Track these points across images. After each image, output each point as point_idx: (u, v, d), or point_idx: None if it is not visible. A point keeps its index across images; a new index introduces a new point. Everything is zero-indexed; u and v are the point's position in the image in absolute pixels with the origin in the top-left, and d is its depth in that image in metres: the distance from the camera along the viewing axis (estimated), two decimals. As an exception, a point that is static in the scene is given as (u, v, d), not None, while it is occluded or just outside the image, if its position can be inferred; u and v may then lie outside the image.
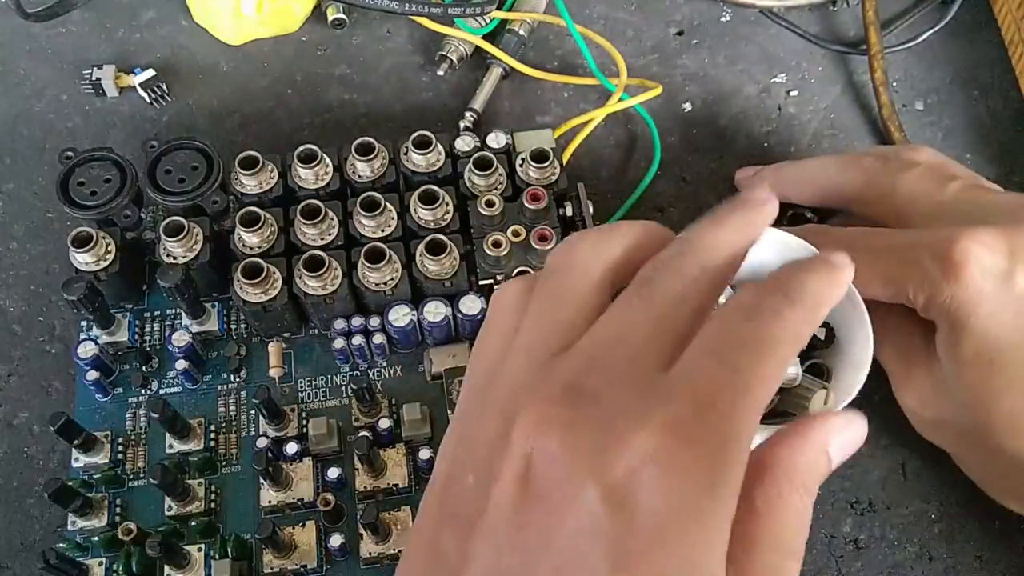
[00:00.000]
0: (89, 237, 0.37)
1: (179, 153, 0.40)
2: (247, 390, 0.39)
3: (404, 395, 0.38)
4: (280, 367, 0.39)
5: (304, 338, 0.40)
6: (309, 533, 0.35)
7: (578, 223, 0.39)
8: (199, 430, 0.37)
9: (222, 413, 0.38)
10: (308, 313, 0.39)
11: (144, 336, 0.40)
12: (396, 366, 0.39)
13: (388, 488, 0.36)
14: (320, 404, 0.38)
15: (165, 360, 0.39)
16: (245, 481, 0.37)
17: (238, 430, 0.38)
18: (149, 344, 0.40)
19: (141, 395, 0.39)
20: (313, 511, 0.36)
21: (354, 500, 0.36)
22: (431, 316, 0.38)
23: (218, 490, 0.37)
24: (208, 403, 0.39)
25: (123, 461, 0.37)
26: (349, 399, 0.38)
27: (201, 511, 0.36)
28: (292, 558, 0.35)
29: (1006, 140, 0.48)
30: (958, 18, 0.51)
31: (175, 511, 0.36)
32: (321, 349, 0.40)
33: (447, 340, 0.39)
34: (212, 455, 0.37)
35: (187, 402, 0.39)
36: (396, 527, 0.35)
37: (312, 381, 0.39)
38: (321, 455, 0.37)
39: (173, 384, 0.39)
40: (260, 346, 0.40)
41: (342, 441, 0.37)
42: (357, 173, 0.40)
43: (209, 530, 0.36)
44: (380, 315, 0.38)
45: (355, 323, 0.38)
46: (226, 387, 0.39)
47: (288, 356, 0.39)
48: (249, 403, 0.38)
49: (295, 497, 0.36)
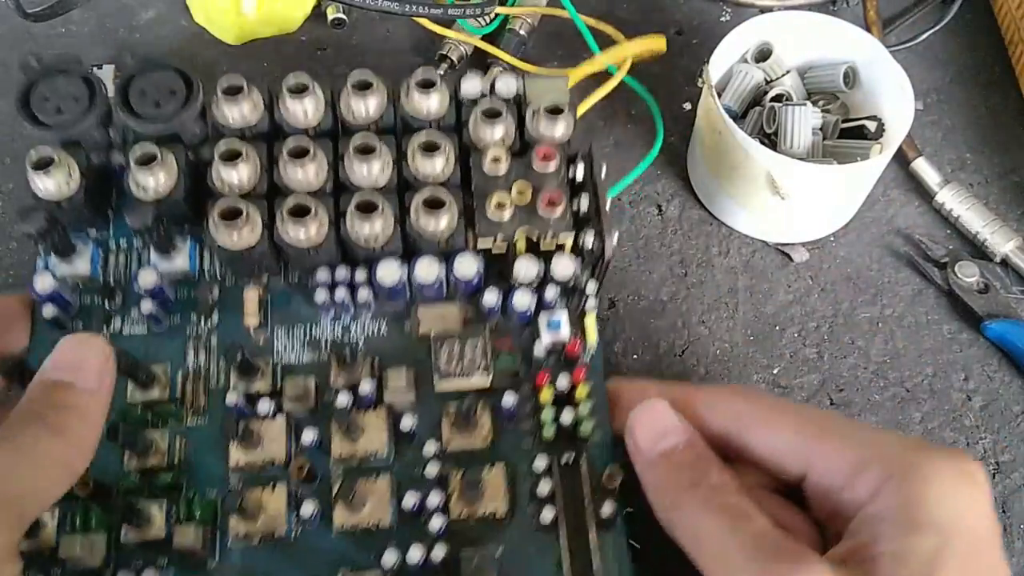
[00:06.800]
0: (50, 160, 0.34)
1: (155, 75, 0.36)
2: (218, 335, 0.36)
3: (388, 354, 0.36)
4: (256, 316, 0.36)
5: (282, 285, 0.37)
6: (279, 498, 0.33)
7: (587, 189, 0.36)
8: (164, 378, 0.35)
9: (191, 360, 0.36)
10: (288, 262, 0.36)
11: (108, 268, 0.37)
12: (380, 320, 0.37)
13: (366, 455, 0.34)
14: (296, 358, 0.36)
15: (129, 296, 0.36)
16: (212, 436, 0.34)
17: (206, 380, 0.35)
18: (114, 278, 0.37)
19: (102, 334, 0.36)
20: (284, 474, 0.34)
21: (329, 465, 0.34)
22: (423, 276, 0.35)
23: (183, 444, 0.34)
24: (175, 347, 0.36)
25: (81, 405, 0.35)
26: (329, 356, 0.36)
27: (164, 466, 0.33)
28: (260, 524, 0.33)
29: (1006, 140, 0.48)
30: (958, 18, 0.51)
31: (135, 464, 0.33)
32: (302, 298, 0.37)
33: (437, 299, 0.37)
34: (177, 406, 0.35)
35: (152, 345, 0.36)
36: (373, 497, 0.33)
37: (289, 331, 0.36)
38: (295, 415, 0.35)
39: (138, 324, 0.36)
40: (235, 289, 0.37)
41: (319, 401, 0.35)
42: (352, 112, 0.36)
43: (172, 487, 0.33)
44: (367, 268, 0.36)
45: (339, 275, 0.36)
46: (196, 332, 0.36)
47: (264, 303, 0.37)
48: (221, 351, 0.36)
49: (265, 458, 0.34)
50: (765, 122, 0.48)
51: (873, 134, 0.47)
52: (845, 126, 0.48)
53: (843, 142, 0.48)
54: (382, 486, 0.33)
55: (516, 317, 0.36)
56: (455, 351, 0.35)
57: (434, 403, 0.35)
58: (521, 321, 0.36)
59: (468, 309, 0.37)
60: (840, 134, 0.48)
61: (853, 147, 0.47)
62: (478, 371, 0.35)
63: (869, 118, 0.47)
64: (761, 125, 0.48)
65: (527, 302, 0.36)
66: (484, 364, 0.35)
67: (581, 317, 0.37)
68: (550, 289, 0.36)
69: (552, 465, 0.34)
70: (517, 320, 0.36)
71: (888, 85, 0.46)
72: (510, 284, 0.36)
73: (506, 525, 0.34)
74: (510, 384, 0.35)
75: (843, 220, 0.48)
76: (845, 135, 0.48)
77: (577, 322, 0.37)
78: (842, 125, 0.48)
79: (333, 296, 0.35)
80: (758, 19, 0.47)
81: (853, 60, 0.48)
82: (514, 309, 0.36)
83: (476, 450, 0.34)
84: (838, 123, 0.48)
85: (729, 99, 0.48)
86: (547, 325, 0.36)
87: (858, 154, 0.46)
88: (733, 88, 0.48)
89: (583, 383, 0.35)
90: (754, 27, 0.47)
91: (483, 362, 0.35)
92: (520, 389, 0.35)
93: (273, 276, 0.37)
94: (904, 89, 0.45)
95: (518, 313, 0.36)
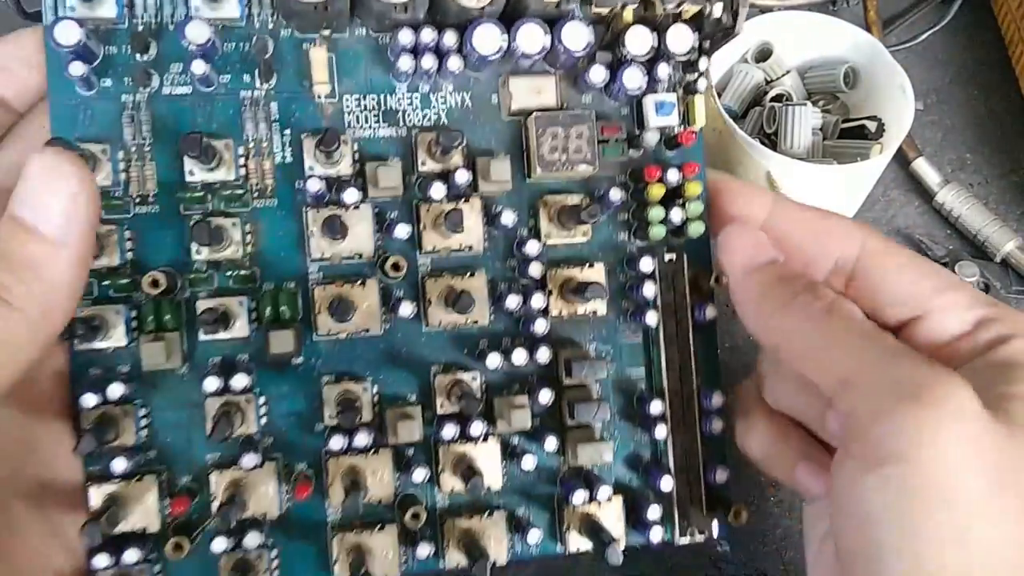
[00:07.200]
0: None
1: None
2: (278, 103, 0.31)
3: (474, 131, 0.32)
4: (326, 82, 0.30)
5: (349, 40, 0.31)
6: (370, 294, 0.31)
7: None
8: (228, 156, 0.30)
9: (250, 132, 0.30)
10: (363, 12, 0.30)
11: (134, 10, 0.30)
12: (464, 92, 0.32)
13: (459, 248, 0.31)
14: (371, 132, 0.31)
15: (164, 45, 0.30)
16: (283, 221, 0.31)
17: (271, 155, 0.31)
18: (143, 22, 0.30)
19: (138, 92, 0.30)
20: (372, 270, 0.31)
21: (417, 257, 0.31)
22: (526, 45, 0.30)
23: (253, 231, 0.30)
24: (223, 113, 0.30)
25: (127, 183, 0.30)
26: (409, 130, 0.31)
27: (238, 257, 0.30)
28: (352, 322, 0.30)
29: (1006, 140, 0.48)
30: (958, 18, 0.51)
31: (205, 255, 0.30)
32: (371, 58, 0.31)
33: (530, 70, 0.32)
34: (244, 188, 0.30)
35: (199, 109, 0.30)
36: (469, 294, 0.31)
37: (361, 101, 0.31)
38: (380, 204, 0.31)
39: (180, 83, 0.30)
40: (291, 43, 0.31)
41: (406, 187, 0.31)
42: None
43: (249, 281, 0.30)
44: (459, 32, 0.30)
45: (425, 39, 0.30)
46: (251, 95, 0.31)
47: (329, 63, 0.31)
48: (284, 120, 0.31)
49: (353, 251, 0.30)
50: (765, 122, 0.47)
51: (873, 134, 0.46)
52: (845, 126, 0.48)
53: (843, 142, 0.47)
54: (478, 283, 0.31)
55: (622, 96, 0.32)
56: (559, 139, 0.31)
57: (529, 192, 0.32)
58: (626, 100, 0.32)
59: (565, 83, 0.32)
60: (840, 134, 0.48)
61: (853, 147, 0.46)
62: (583, 163, 0.31)
63: (869, 118, 0.47)
64: (761, 125, 0.47)
65: (639, 80, 0.31)
66: (590, 154, 0.31)
67: (688, 95, 0.33)
68: (662, 66, 0.32)
69: (655, 267, 0.32)
70: (621, 99, 0.32)
71: (888, 85, 0.45)
72: (617, 58, 0.32)
73: (604, 323, 0.33)
74: (614, 174, 0.32)
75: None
76: (845, 135, 0.47)
77: (682, 103, 0.33)
78: (842, 125, 0.48)
79: (419, 62, 0.30)
80: (758, 19, 0.46)
81: (853, 60, 0.47)
82: (623, 87, 0.31)
83: (575, 246, 0.32)
84: (838, 123, 0.48)
85: (729, 99, 0.48)
86: (657, 108, 0.32)
87: (858, 154, 0.45)
88: (733, 88, 0.48)
89: (694, 180, 0.32)
90: (754, 27, 0.46)
91: (589, 152, 0.31)
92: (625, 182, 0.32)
93: (338, 31, 0.31)
94: (904, 89, 0.44)
95: (627, 92, 0.32)
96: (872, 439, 0.25)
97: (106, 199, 0.29)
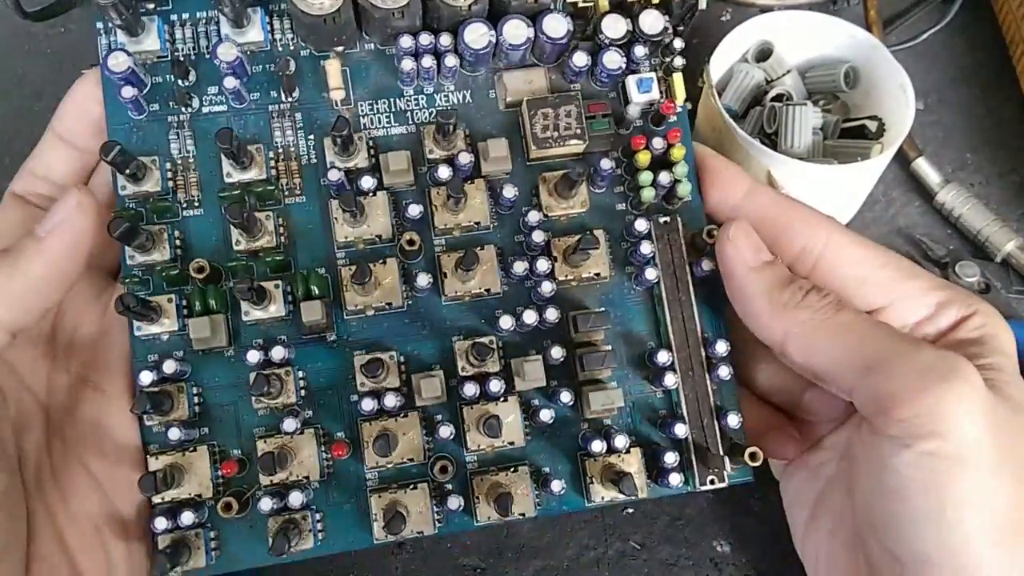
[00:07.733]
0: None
1: None
2: (301, 112, 0.35)
3: (476, 124, 0.35)
4: (340, 88, 0.35)
5: (360, 54, 0.36)
6: (391, 270, 0.34)
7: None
8: (259, 157, 0.34)
9: (279, 139, 0.35)
10: (369, 27, 0.34)
11: (175, 44, 0.35)
12: (464, 91, 0.36)
13: (468, 225, 0.34)
14: (385, 131, 0.35)
15: (202, 73, 0.35)
16: (311, 213, 0.35)
17: (298, 157, 0.35)
18: (183, 54, 0.35)
19: (182, 113, 0.34)
20: (393, 250, 0.34)
21: (432, 236, 0.35)
22: (512, 37, 0.34)
23: (285, 223, 0.34)
24: (255, 125, 0.35)
25: (174, 190, 0.34)
26: (417, 127, 0.35)
27: (273, 246, 0.34)
28: (375, 295, 0.34)
29: (1006, 140, 0.48)
30: (958, 18, 0.51)
31: (244, 246, 0.33)
32: (379, 67, 0.35)
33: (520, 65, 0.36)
34: (275, 185, 0.34)
35: (235, 124, 0.35)
36: (481, 266, 0.34)
37: (373, 105, 0.35)
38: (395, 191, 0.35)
39: (216, 102, 0.35)
40: (310, 61, 0.35)
41: (416, 175, 0.35)
42: None
43: (283, 267, 0.34)
44: (452, 33, 0.34)
45: (423, 42, 0.34)
46: (278, 108, 0.35)
47: (343, 75, 0.35)
48: (307, 127, 0.35)
49: (373, 233, 0.34)
50: (765, 122, 0.47)
51: (873, 134, 0.46)
52: (845, 126, 0.47)
53: (843, 142, 0.47)
54: (488, 254, 0.34)
55: (605, 78, 0.35)
56: (550, 118, 0.34)
57: (528, 172, 0.35)
58: (610, 82, 0.36)
59: (554, 73, 0.36)
60: (840, 134, 0.47)
61: (853, 147, 0.46)
62: (573, 138, 0.34)
63: (869, 118, 0.46)
64: (761, 125, 0.47)
65: (618, 60, 0.35)
66: (579, 129, 0.34)
67: (668, 75, 0.36)
68: (638, 47, 0.35)
69: (651, 228, 0.34)
70: (606, 81, 0.36)
71: (888, 85, 0.45)
72: (597, 44, 0.35)
73: (609, 286, 0.35)
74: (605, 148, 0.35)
75: (844, 220, 0.47)
76: (845, 135, 0.47)
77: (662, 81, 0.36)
78: (842, 125, 0.47)
79: (420, 63, 0.34)
80: (758, 19, 0.46)
81: (853, 60, 0.47)
82: (605, 69, 0.35)
83: (574, 216, 0.35)
84: (838, 123, 0.47)
85: (729, 99, 0.47)
86: (638, 86, 0.35)
87: (858, 154, 0.45)
88: (733, 88, 0.47)
89: (678, 144, 0.35)
90: (754, 27, 0.46)
91: (578, 128, 0.34)
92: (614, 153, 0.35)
93: (349, 47, 0.35)
94: (904, 89, 0.44)
95: (608, 73, 0.35)
96: (907, 418, 0.27)
97: (156, 202, 0.34)
